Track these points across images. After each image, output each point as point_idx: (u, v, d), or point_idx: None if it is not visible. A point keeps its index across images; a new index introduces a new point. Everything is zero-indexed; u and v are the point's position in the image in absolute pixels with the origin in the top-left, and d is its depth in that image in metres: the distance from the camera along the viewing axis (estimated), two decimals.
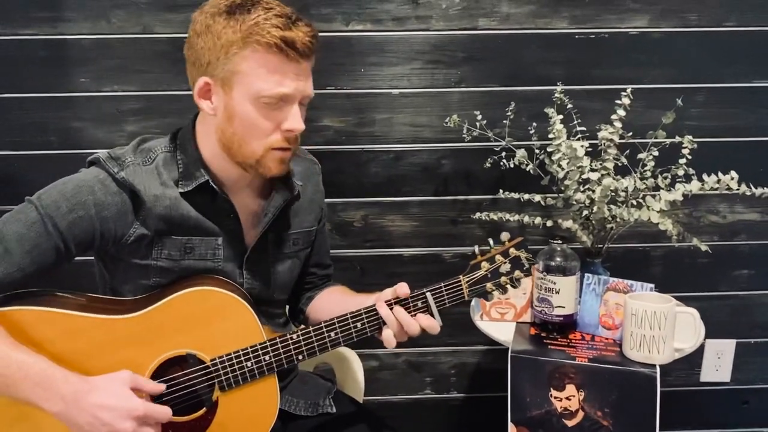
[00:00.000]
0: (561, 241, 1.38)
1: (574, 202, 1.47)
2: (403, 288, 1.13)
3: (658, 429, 1.26)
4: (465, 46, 1.72)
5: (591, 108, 1.66)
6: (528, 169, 1.56)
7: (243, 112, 1.08)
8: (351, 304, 1.16)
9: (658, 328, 1.26)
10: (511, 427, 1.33)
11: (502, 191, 1.63)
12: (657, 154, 1.47)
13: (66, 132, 1.70)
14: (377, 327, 1.14)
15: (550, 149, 1.49)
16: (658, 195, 1.41)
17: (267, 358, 1.12)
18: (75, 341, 1.07)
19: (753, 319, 1.92)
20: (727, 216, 1.85)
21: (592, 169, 1.44)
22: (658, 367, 1.26)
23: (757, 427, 2.00)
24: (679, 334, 1.30)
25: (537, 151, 1.56)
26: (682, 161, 1.44)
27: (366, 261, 1.83)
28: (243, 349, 1.11)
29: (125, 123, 1.71)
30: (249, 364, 1.11)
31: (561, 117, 1.48)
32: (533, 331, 1.41)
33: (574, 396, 1.29)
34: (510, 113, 1.59)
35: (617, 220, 1.44)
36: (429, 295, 1.14)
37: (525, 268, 1.19)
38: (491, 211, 1.61)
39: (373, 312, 1.13)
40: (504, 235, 1.20)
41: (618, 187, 1.44)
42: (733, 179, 1.36)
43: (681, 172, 1.45)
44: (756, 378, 1.96)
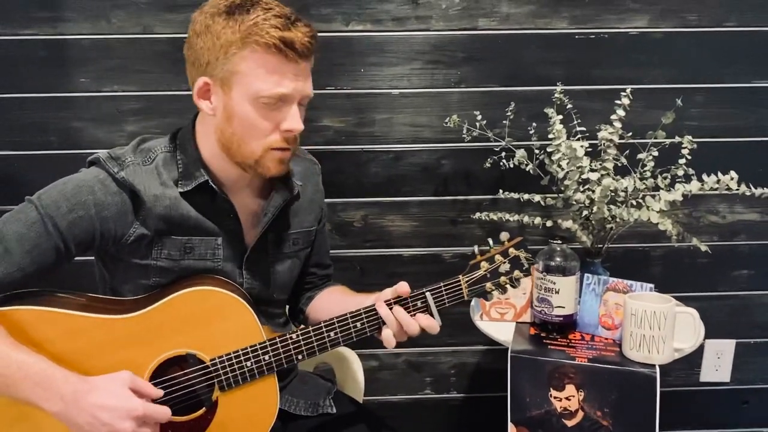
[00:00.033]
0: (561, 241, 1.38)
1: (574, 202, 1.47)
2: (403, 287, 1.13)
3: (657, 429, 1.26)
4: (465, 46, 1.72)
5: (591, 108, 1.66)
6: (528, 170, 1.56)
7: (242, 112, 1.09)
8: (351, 304, 1.16)
9: (658, 328, 1.26)
10: (510, 427, 1.33)
11: (502, 191, 1.63)
12: (657, 154, 1.47)
13: (66, 132, 1.70)
14: (377, 327, 1.14)
15: (549, 149, 1.49)
16: (658, 195, 1.41)
17: (267, 357, 1.12)
18: (75, 341, 1.07)
19: (753, 319, 1.92)
20: (726, 216, 1.85)
21: (592, 170, 1.44)
22: (658, 367, 1.26)
23: (757, 427, 2.00)
24: (679, 334, 1.30)
25: (537, 151, 1.56)
26: (682, 161, 1.44)
27: (366, 261, 1.83)
28: (243, 349, 1.11)
29: (125, 123, 1.71)
30: (249, 363, 1.11)
31: (561, 117, 1.48)
32: (533, 331, 1.41)
33: (573, 396, 1.29)
34: (510, 113, 1.59)
35: (617, 220, 1.44)
36: (428, 294, 1.14)
37: (524, 268, 1.19)
38: (491, 211, 1.61)
39: (373, 312, 1.13)
40: (503, 235, 1.20)
41: (618, 188, 1.44)
42: (732, 179, 1.36)
43: (681, 172, 1.45)
44: (756, 378, 1.96)
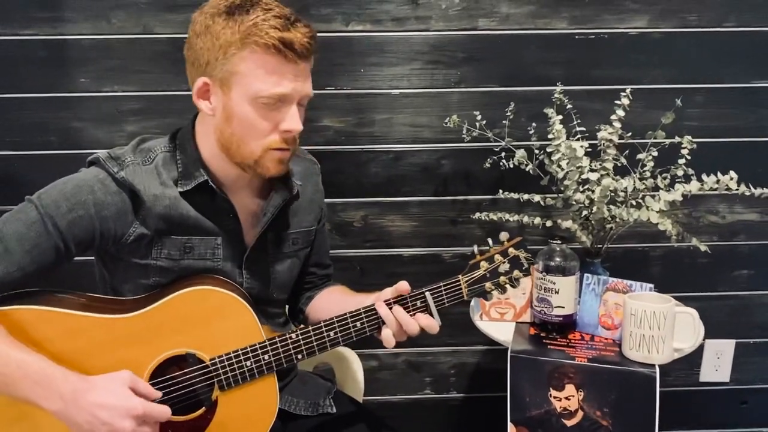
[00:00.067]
0: (560, 241, 1.38)
1: (574, 203, 1.47)
2: (403, 285, 1.13)
3: (657, 429, 1.26)
4: (465, 46, 1.72)
5: (590, 108, 1.67)
6: (527, 170, 1.56)
7: (241, 113, 1.09)
8: (350, 304, 1.16)
9: (658, 328, 1.26)
10: (510, 426, 1.33)
11: (502, 191, 1.63)
12: (656, 154, 1.47)
13: (66, 132, 1.70)
14: (376, 326, 1.14)
15: (549, 149, 1.49)
16: (658, 195, 1.41)
17: (266, 357, 1.12)
18: (75, 340, 1.07)
19: (752, 320, 1.92)
20: (726, 216, 1.85)
21: (592, 170, 1.44)
22: (658, 367, 1.26)
23: (757, 427, 2.00)
24: (679, 334, 1.30)
25: (536, 151, 1.56)
26: (682, 161, 1.44)
27: (366, 261, 1.83)
28: (242, 349, 1.11)
29: (125, 123, 1.71)
30: (248, 363, 1.11)
31: (560, 117, 1.48)
32: (533, 331, 1.41)
33: (573, 396, 1.29)
34: (509, 113, 1.59)
35: (617, 220, 1.44)
36: (428, 294, 1.14)
37: (524, 268, 1.19)
38: (491, 211, 1.61)
39: (373, 311, 1.13)
40: (503, 235, 1.20)
41: (617, 188, 1.44)
42: (732, 179, 1.36)
43: (680, 173, 1.45)
44: (755, 378, 1.96)
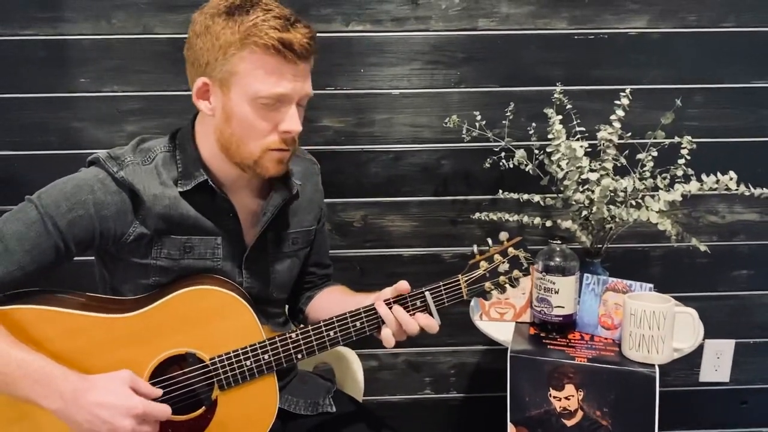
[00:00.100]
0: (560, 242, 1.38)
1: (574, 203, 1.47)
2: (403, 284, 1.13)
3: (657, 429, 1.26)
4: (464, 46, 1.72)
5: (590, 108, 1.66)
6: (527, 170, 1.56)
7: (240, 113, 1.09)
8: (350, 304, 1.16)
9: (657, 328, 1.26)
10: (510, 426, 1.33)
11: (502, 191, 1.63)
12: (656, 154, 1.47)
13: (66, 132, 1.70)
14: (376, 326, 1.14)
15: (549, 149, 1.50)
16: (657, 195, 1.41)
17: (266, 357, 1.12)
18: (75, 340, 1.07)
19: (752, 320, 1.92)
20: (726, 216, 1.85)
21: (592, 170, 1.44)
22: (657, 367, 1.26)
23: (756, 427, 2.00)
24: (678, 334, 1.30)
25: (536, 151, 1.56)
26: (681, 161, 1.44)
27: (366, 261, 1.83)
28: (242, 348, 1.11)
29: (125, 123, 1.71)
30: (248, 363, 1.11)
31: (560, 117, 1.48)
32: (532, 331, 1.41)
33: (573, 396, 1.29)
34: (509, 113, 1.59)
35: (616, 220, 1.44)
36: (428, 294, 1.14)
37: (523, 268, 1.19)
38: (491, 211, 1.61)
39: (372, 311, 1.14)
40: (502, 235, 1.20)
41: (617, 188, 1.44)
42: (731, 179, 1.36)
43: (680, 173, 1.45)
44: (755, 378, 1.96)
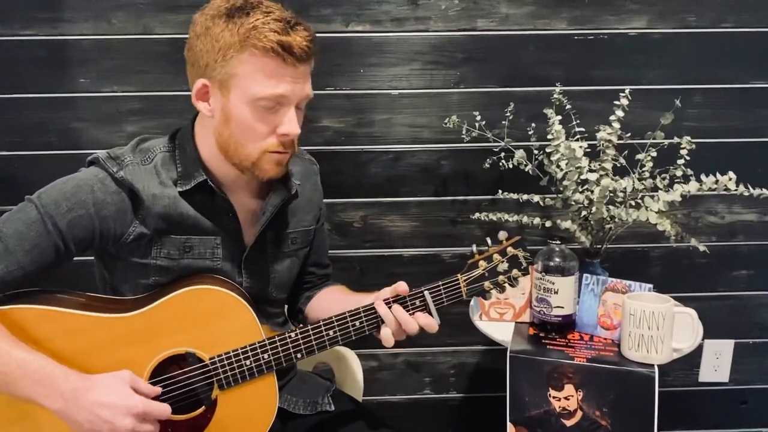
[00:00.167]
0: (560, 242, 1.38)
1: (573, 203, 1.47)
2: (401, 286, 1.13)
3: (656, 429, 1.26)
4: (464, 46, 1.73)
5: (590, 109, 1.67)
6: (527, 170, 1.56)
7: (239, 115, 1.09)
8: (349, 304, 1.16)
9: (657, 328, 1.26)
10: (509, 426, 1.33)
11: (501, 192, 1.63)
12: (655, 154, 1.47)
13: (66, 132, 1.70)
14: (376, 326, 1.14)
15: (548, 150, 1.50)
16: (657, 195, 1.41)
17: (266, 356, 1.12)
18: (75, 340, 1.07)
19: (751, 320, 1.92)
20: (725, 216, 1.85)
21: (591, 170, 1.44)
22: (657, 367, 1.26)
23: (756, 428, 2.00)
24: (678, 335, 1.30)
25: (536, 151, 1.57)
26: (681, 162, 1.44)
27: (365, 261, 1.83)
28: (242, 348, 1.11)
29: (125, 123, 1.71)
30: (248, 362, 1.11)
31: (560, 118, 1.48)
32: (532, 331, 1.41)
33: (572, 396, 1.29)
34: (509, 114, 1.60)
35: (616, 220, 1.44)
36: (427, 293, 1.14)
37: (522, 267, 1.19)
38: (490, 211, 1.61)
39: (372, 310, 1.14)
40: (501, 234, 1.20)
41: (616, 188, 1.45)
42: (731, 180, 1.36)
43: (679, 173, 1.45)
44: (754, 378, 1.96)
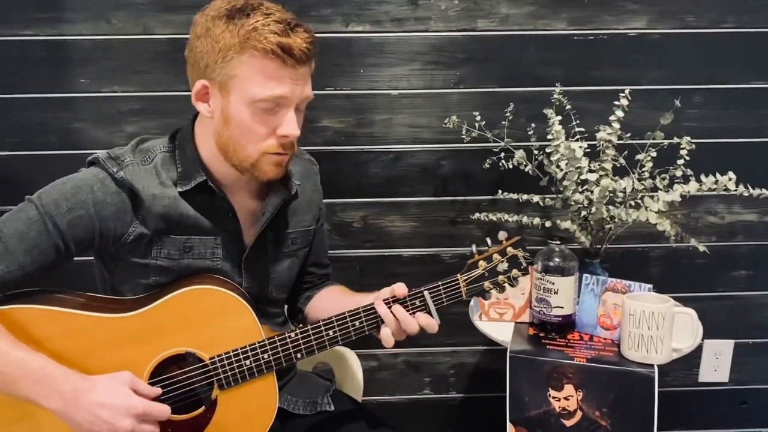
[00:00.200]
0: (559, 242, 1.38)
1: (573, 203, 1.47)
2: (400, 288, 1.13)
3: (656, 429, 1.26)
4: (464, 47, 1.73)
5: (589, 109, 1.66)
6: (527, 170, 1.56)
7: (239, 117, 1.09)
8: (349, 304, 1.16)
9: (656, 328, 1.26)
10: (509, 426, 1.33)
11: (501, 192, 1.63)
12: (655, 155, 1.47)
13: (66, 132, 1.71)
14: (375, 326, 1.14)
15: (548, 150, 1.50)
16: (656, 196, 1.42)
17: (266, 356, 1.12)
18: (75, 339, 1.07)
19: (751, 320, 1.92)
20: (725, 217, 1.85)
21: (591, 170, 1.45)
22: (656, 367, 1.26)
23: (756, 428, 2.00)
24: (677, 335, 1.30)
25: (536, 151, 1.57)
26: (680, 162, 1.44)
27: (365, 261, 1.83)
28: (242, 348, 1.12)
29: (125, 123, 1.71)
30: (248, 362, 1.12)
31: (560, 118, 1.48)
32: (532, 331, 1.41)
33: (572, 396, 1.29)
34: (509, 114, 1.60)
35: (615, 220, 1.44)
36: (427, 293, 1.14)
37: (522, 267, 1.19)
38: (490, 211, 1.62)
39: (372, 310, 1.14)
40: (501, 234, 1.20)
41: (616, 188, 1.45)
42: (730, 180, 1.36)
43: (679, 173, 1.45)
44: (754, 378, 1.97)
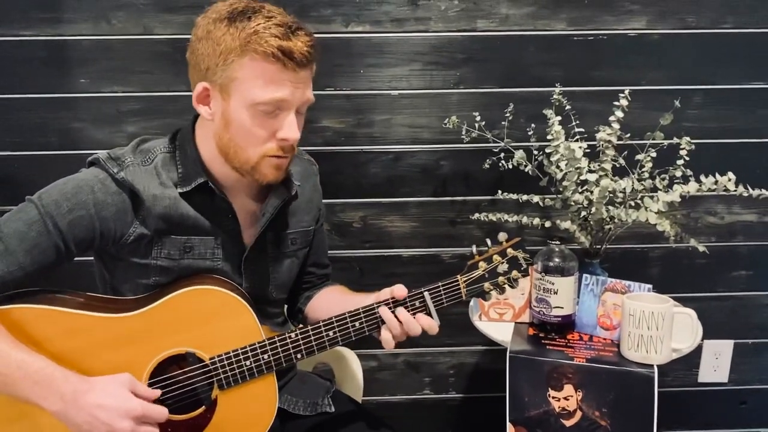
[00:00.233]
0: (559, 242, 1.38)
1: (573, 203, 1.47)
2: (400, 290, 1.13)
3: (655, 429, 1.26)
4: (464, 47, 1.73)
5: (589, 109, 1.67)
6: (526, 170, 1.56)
7: (239, 119, 1.09)
8: (349, 304, 1.16)
9: (656, 328, 1.26)
10: (509, 427, 1.33)
11: (501, 192, 1.63)
12: (655, 155, 1.47)
13: (66, 132, 1.71)
14: (376, 326, 1.14)
15: (548, 150, 1.50)
16: (656, 196, 1.42)
17: (266, 357, 1.12)
18: (75, 340, 1.07)
19: (751, 320, 1.92)
20: (724, 217, 1.85)
21: (591, 171, 1.45)
22: (656, 368, 1.26)
23: (755, 428, 2.00)
24: (677, 335, 1.30)
25: (535, 152, 1.57)
26: (680, 162, 1.45)
27: (365, 261, 1.83)
28: (242, 348, 1.12)
29: (125, 124, 1.71)
30: (248, 363, 1.12)
31: (559, 118, 1.48)
32: (531, 331, 1.41)
33: (572, 396, 1.29)
34: (509, 114, 1.60)
35: (615, 221, 1.44)
36: (427, 294, 1.14)
37: (522, 268, 1.19)
38: (490, 212, 1.62)
39: (372, 311, 1.14)
40: (501, 236, 1.20)
41: (616, 188, 1.45)
42: (730, 180, 1.36)
43: (679, 173, 1.45)
44: (754, 378, 1.97)
